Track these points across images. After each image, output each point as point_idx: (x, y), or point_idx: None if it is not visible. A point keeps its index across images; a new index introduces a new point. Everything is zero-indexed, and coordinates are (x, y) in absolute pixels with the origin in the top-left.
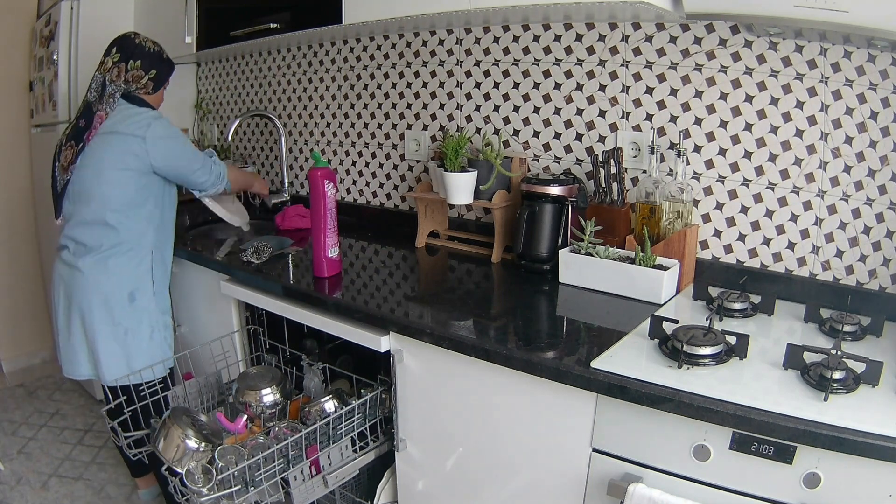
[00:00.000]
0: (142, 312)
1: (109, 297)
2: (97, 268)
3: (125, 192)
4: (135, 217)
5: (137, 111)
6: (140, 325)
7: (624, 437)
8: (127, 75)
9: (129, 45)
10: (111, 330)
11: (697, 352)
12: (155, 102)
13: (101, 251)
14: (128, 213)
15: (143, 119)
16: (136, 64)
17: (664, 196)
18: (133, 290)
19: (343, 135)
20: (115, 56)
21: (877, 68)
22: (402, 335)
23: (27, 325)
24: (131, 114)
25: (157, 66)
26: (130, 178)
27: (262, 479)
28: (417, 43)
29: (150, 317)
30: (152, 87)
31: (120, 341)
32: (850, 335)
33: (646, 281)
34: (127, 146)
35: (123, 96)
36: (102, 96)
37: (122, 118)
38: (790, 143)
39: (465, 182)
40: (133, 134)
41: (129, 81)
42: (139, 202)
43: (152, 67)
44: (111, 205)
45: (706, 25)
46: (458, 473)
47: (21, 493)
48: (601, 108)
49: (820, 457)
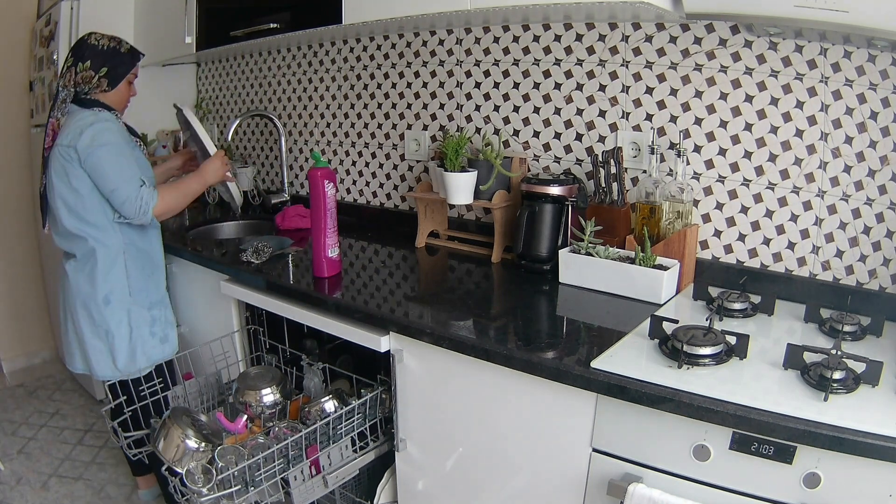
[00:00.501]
0: (119, 313)
1: (87, 301)
2: (77, 273)
3: (79, 202)
4: (97, 223)
5: (77, 118)
6: (119, 325)
7: (624, 437)
8: (77, 77)
9: (81, 47)
10: (94, 330)
11: (697, 352)
12: (117, 99)
13: (78, 259)
14: (88, 220)
15: (77, 127)
16: (85, 65)
17: (664, 196)
18: (107, 293)
19: (343, 135)
20: (69, 60)
21: (877, 68)
22: (402, 335)
23: (27, 325)
24: (71, 122)
25: (110, 61)
26: (81, 188)
27: (262, 479)
28: (417, 43)
29: (130, 316)
30: (107, 83)
31: (103, 341)
32: (850, 335)
33: (646, 281)
34: (65, 158)
35: (76, 101)
36: (55, 103)
37: (64, 128)
38: (790, 143)
39: (465, 182)
40: (67, 145)
41: (80, 83)
42: (97, 208)
43: (104, 65)
44: (70, 216)
45: (706, 25)
46: (459, 473)
47: (21, 493)
48: (601, 108)
49: (820, 457)
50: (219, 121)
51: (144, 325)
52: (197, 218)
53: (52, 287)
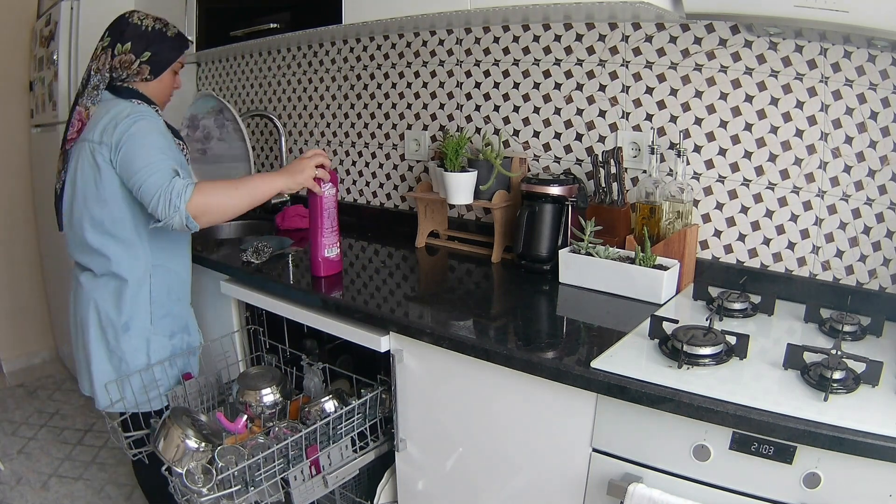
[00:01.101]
0: (139, 341)
1: (104, 322)
2: (95, 289)
3: (107, 213)
4: (124, 238)
5: (111, 110)
6: (136, 354)
7: (624, 437)
8: (114, 61)
9: (120, 26)
10: (107, 356)
11: (697, 352)
12: (159, 91)
13: (98, 275)
14: (114, 235)
15: (112, 120)
16: (124, 47)
17: (664, 196)
18: (128, 319)
19: (343, 135)
20: (105, 41)
21: (877, 68)
22: (402, 335)
23: (27, 325)
24: (103, 114)
25: (156, 46)
26: (110, 197)
27: (262, 479)
28: (417, 43)
29: (150, 346)
30: (149, 71)
31: (116, 368)
32: (850, 335)
33: (646, 281)
34: (95, 156)
35: (111, 89)
36: (86, 88)
37: (94, 121)
38: (790, 143)
39: (465, 182)
40: (98, 141)
41: (117, 69)
42: (127, 220)
43: (147, 49)
44: (94, 230)
45: (706, 25)
46: (458, 473)
47: (21, 493)
48: (601, 108)
49: (820, 457)
50: None
51: (164, 356)
52: None
53: (53, 287)
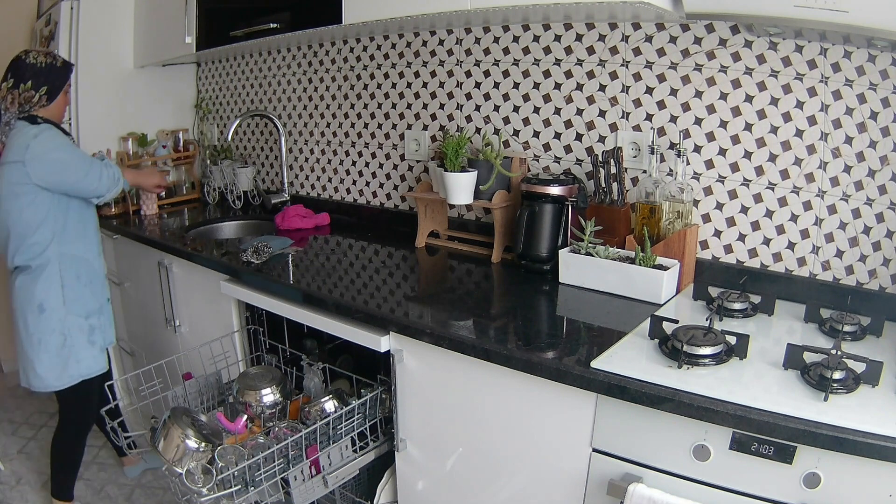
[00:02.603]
0: (52, 322)
1: (25, 309)
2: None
3: (21, 218)
4: (35, 237)
5: (21, 135)
6: (51, 334)
7: (624, 437)
8: (20, 98)
9: (19, 68)
10: (27, 339)
11: (697, 352)
12: (55, 112)
13: (23, 271)
14: (28, 235)
15: (22, 142)
16: (27, 86)
17: (664, 196)
18: (41, 301)
19: (343, 135)
20: (8, 82)
21: (877, 68)
22: (402, 335)
23: None
24: (13, 140)
25: (49, 79)
26: (26, 204)
27: (262, 479)
28: (417, 43)
29: (63, 324)
30: (46, 100)
31: (34, 350)
32: (850, 335)
33: (646, 281)
34: (12, 175)
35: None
36: None
37: (8, 147)
38: (790, 143)
39: (465, 182)
40: (13, 161)
41: (23, 104)
42: (37, 221)
43: (44, 83)
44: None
45: (706, 25)
46: (458, 473)
47: (21, 493)
48: (601, 108)
49: (820, 457)
50: (219, 121)
51: (81, 334)
52: (197, 218)
53: None
